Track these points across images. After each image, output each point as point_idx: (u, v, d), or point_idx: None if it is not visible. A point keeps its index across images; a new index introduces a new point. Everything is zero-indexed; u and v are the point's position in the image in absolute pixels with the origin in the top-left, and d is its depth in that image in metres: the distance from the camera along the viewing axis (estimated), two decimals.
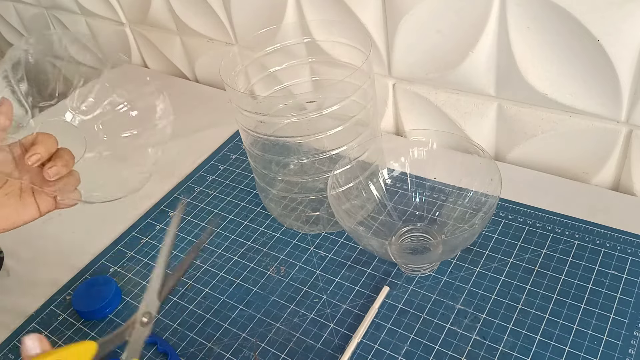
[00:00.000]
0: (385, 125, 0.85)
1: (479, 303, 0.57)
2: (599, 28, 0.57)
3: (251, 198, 0.76)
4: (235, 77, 0.66)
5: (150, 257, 0.70)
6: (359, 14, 0.73)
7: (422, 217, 0.65)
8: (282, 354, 0.56)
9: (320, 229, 0.68)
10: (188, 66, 1.08)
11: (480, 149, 0.59)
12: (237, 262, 0.67)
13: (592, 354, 0.51)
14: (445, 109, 0.76)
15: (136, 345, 0.49)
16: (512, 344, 0.53)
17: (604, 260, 0.59)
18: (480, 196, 0.60)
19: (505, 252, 0.62)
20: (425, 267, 0.61)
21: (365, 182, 0.66)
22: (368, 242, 0.59)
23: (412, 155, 0.66)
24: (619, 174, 0.69)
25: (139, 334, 0.49)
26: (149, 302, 0.50)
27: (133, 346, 0.49)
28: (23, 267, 0.72)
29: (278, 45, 0.71)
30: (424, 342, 0.55)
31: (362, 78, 0.60)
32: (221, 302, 0.63)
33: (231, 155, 0.85)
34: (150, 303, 0.50)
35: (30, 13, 1.29)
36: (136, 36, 1.12)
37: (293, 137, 0.62)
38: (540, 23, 0.61)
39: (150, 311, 0.50)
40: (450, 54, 0.69)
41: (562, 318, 0.54)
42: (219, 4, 0.89)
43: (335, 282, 0.62)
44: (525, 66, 0.65)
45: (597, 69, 0.60)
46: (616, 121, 0.64)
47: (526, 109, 0.69)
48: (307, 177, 0.66)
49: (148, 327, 0.50)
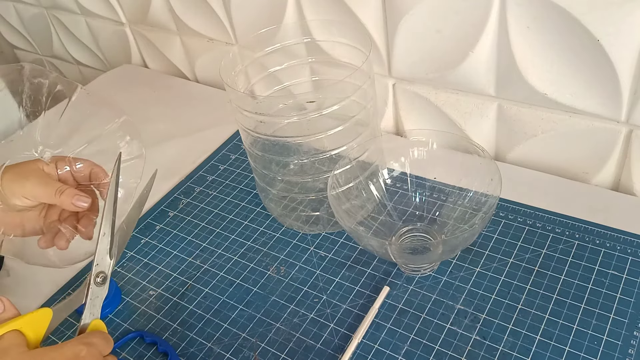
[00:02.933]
0: (385, 125, 0.85)
1: (479, 303, 0.57)
2: (599, 28, 0.57)
3: (251, 198, 0.76)
4: (235, 77, 0.66)
5: (150, 257, 0.70)
6: (359, 14, 0.73)
7: (422, 217, 0.65)
8: (282, 354, 0.56)
9: (320, 229, 0.68)
10: (188, 66, 1.08)
11: (480, 149, 0.59)
12: (237, 262, 0.67)
13: (592, 354, 0.51)
14: (445, 109, 0.76)
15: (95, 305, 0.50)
16: (512, 344, 0.53)
17: (604, 260, 0.59)
18: (480, 196, 0.60)
19: (505, 252, 0.62)
20: (425, 267, 0.61)
21: (365, 182, 0.66)
22: (368, 242, 0.59)
23: (412, 155, 0.66)
24: (619, 174, 0.69)
25: (96, 294, 0.50)
26: (100, 262, 0.51)
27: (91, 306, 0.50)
28: (23, 267, 0.72)
29: (278, 45, 0.71)
30: (424, 342, 0.55)
31: (362, 78, 0.60)
32: (221, 302, 0.63)
33: (231, 155, 0.85)
34: (102, 262, 0.51)
35: (30, 13, 1.29)
36: (136, 36, 1.12)
37: (293, 137, 0.62)
38: (540, 23, 0.61)
39: (104, 270, 0.51)
40: (450, 54, 0.69)
41: (562, 318, 0.54)
42: (219, 4, 0.89)
43: (335, 282, 0.62)
44: (525, 66, 0.65)
45: (597, 69, 0.60)
46: (616, 121, 0.64)
47: (526, 109, 0.69)
48: (307, 177, 0.66)
49: (104, 287, 0.51)
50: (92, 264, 0.51)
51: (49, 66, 1.42)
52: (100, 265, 0.51)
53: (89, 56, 1.28)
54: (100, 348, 0.45)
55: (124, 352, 0.60)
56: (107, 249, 0.52)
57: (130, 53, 1.16)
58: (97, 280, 0.51)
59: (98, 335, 0.47)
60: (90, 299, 0.50)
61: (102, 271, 0.51)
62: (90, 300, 0.50)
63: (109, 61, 1.24)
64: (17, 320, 0.44)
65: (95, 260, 0.51)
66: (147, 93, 1.04)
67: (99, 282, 0.51)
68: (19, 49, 1.46)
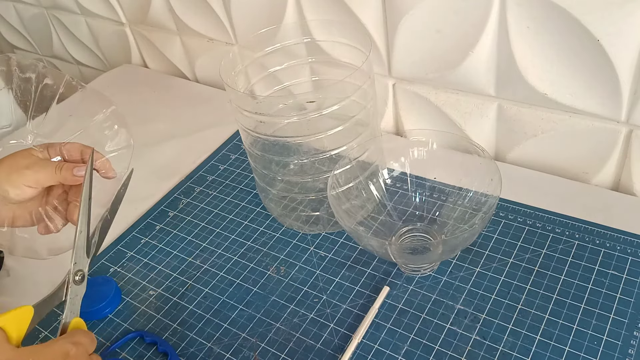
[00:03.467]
0: (385, 125, 0.85)
1: (478, 303, 0.57)
2: (599, 28, 0.57)
3: (251, 198, 0.76)
4: (235, 77, 0.66)
5: (150, 257, 0.70)
6: (359, 14, 0.73)
7: (422, 217, 0.65)
8: (282, 354, 0.56)
9: (320, 229, 0.68)
10: (188, 66, 1.08)
11: (480, 149, 0.59)
12: (237, 262, 0.67)
13: (592, 354, 0.51)
14: (445, 109, 0.76)
15: (74, 303, 0.51)
16: (512, 344, 0.53)
17: (604, 260, 0.59)
18: (480, 196, 0.60)
19: (505, 252, 0.62)
20: (425, 267, 0.61)
21: (365, 182, 0.66)
22: (368, 242, 0.59)
23: (412, 155, 0.66)
24: (619, 174, 0.69)
25: (75, 292, 0.51)
26: (78, 261, 0.52)
27: (71, 305, 0.51)
28: (23, 267, 0.72)
29: (278, 45, 0.71)
30: (424, 342, 0.55)
31: (362, 78, 0.60)
32: (221, 302, 0.63)
33: (231, 155, 0.85)
34: (80, 261, 0.52)
35: (30, 13, 1.29)
36: (136, 36, 1.12)
37: (293, 137, 0.62)
38: (540, 23, 0.61)
39: (82, 269, 0.52)
40: (450, 54, 0.69)
41: (562, 318, 0.54)
42: (219, 4, 0.89)
43: (335, 282, 0.62)
44: (525, 66, 0.65)
45: (597, 69, 0.60)
46: (616, 121, 0.64)
47: (526, 109, 0.69)
48: (307, 177, 0.66)
49: (82, 285, 0.51)
50: (70, 263, 0.52)
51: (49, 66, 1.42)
52: (78, 264, 0.52)
53: (89, 56, 1.28)
54: (87, 347, 0.47)
55: (124, 352, 0.60)
56: (84, 247, 0.52)
57: (130, 53, 1.16)
58: (76, 278, 0.51)
59: (83, 334, 0.48)
60: (70, 298, 0.50)
61: (80, 269, 0.52)
62: (70, 299, 0.50)
63: (109, 61, 1.24)
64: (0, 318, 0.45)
65: (74, 258, 0.52)
66: (147, 93, 1.04)
67: (78, 280, 0.51)
68: (19, 49, 1.46)
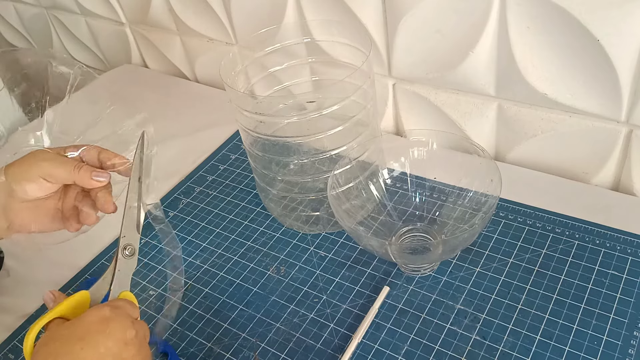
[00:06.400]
0: (385, 125, 0.85)
1: (478, 303, 0.57)
2: (599, 28, 0.57)
3: (251, 198, 0.76)
4: (235, 77, 0.66)
5: (150, 257, 0.70)
6: (359, 14, 0.73)
7: (422, 217, 0.65)
8: (282, 354, 0.56)
9: (320, 229, 0.68)
10: (188, 66, 1.08)
11: (480, 149, 0.59)
12: (237, 262, 0.67)
13: (592, 354, 0.51)
14: (445, 109, 0.76)
15: (124, 276, 0.49)
16: (512, 344, 0.53)
17: (604, 260, 0.59)
18: (480, 196, 0.60)
19: (505, 252, 0.62)
20: (425, 267, 0.61)
21: (365, 182, 0.66)
22: (368, 242, 0.59)
23: (412, 155, 0.66)
24: (619, 174, 0.69)
25: (125, 265, 0.49)
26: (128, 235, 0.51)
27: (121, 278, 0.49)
28: (23, 267, 0.72)
29: (278, 45, 0.71)
30: (424, 342, 0.55)
31: (362, 78, 0.60)
32: (221, 302, 0.63)
33: (231, 155, 0.85)
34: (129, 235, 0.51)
35: (30, 13, 1.29)
36: (136, 36, 1.12)
37: (293, 137, 0.62)
38: (540, 23, 0.61)
39: (132, 243, 0.50)
40: (450, 54, 0.69)
41: (562, 318, 0.54)
42: (219, 4, 0.89)
43: (335, 282, 0.62)
44: (525, 66, 0.65)
45: (597, 69, 0.60)
46: (616, 121, 0.64)
47: (526, 109, 0.69)
48: (307, 177, 0.66)
49: (133, 259, 0.50)
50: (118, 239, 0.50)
51: None
52: (127, 238, 0.50)
53: (89, 56, 1.28)
54: (128, 310, 0.45)
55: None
56: (135, 223, 0.51)
57: (130, 53, 1.16)
58: (126, 252, 0.49)
59: (123, 300, 0.46)
60: (119, 271, 0.48)
61: (130, 244, 0.50)
62: (118, 272, 0.48)
63: (109, 61, 1.24)
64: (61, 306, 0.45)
65: (122, 232, 0.50)
66: (147, 93, 1.04)
67: (127, 254, 0.49)
68: None
